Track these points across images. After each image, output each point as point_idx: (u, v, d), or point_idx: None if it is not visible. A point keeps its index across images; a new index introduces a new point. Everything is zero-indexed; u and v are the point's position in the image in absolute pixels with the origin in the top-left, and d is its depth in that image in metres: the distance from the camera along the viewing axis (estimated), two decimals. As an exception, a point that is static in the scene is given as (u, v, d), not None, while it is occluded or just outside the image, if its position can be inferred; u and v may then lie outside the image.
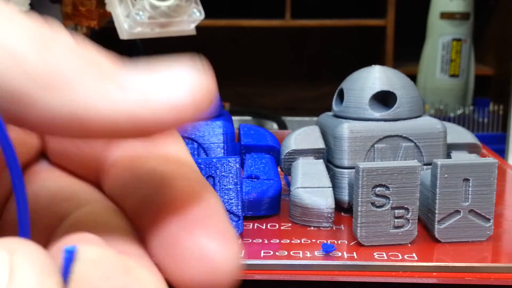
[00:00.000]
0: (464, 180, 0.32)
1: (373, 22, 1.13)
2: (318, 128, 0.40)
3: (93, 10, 0.47)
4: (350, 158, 0.36)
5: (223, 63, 1.31)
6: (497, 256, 0.32)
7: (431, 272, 0.31)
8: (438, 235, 0.33)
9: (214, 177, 0.33)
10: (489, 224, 0.33)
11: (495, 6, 1.16)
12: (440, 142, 0.37)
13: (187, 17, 0.44)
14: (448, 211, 0.33)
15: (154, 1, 0.42)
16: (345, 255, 0.32)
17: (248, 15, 1.15)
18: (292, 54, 1.33)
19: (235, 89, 1.28)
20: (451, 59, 1.07)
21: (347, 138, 0.36)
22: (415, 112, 0.38)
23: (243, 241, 0.34)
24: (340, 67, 1.25)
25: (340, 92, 0.39)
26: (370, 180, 0.31)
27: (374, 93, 0.37)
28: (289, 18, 1.11)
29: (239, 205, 0.33)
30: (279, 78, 1.33)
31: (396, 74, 0.38)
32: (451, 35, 1.06)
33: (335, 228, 0.36)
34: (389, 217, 0.32)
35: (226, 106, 0.91)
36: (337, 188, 0.37)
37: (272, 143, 0.41)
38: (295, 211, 0.36)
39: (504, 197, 0.42)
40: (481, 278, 0.30)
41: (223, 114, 0.40)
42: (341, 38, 1.31)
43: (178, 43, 0.15)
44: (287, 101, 1.33)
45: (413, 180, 0.32)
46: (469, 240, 0.33)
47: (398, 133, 0.37)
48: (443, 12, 1.06)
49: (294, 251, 0.32)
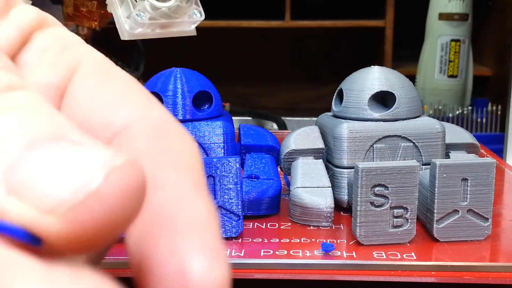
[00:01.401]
0: (463, 180, 0.33)
1: (372, 23, 1.13)
2: (318, 128, 0.40)
3: (94, 11, 0.47)
4: (350, 158, 0.37)
5: (223, 64, 1.31)
6: (495, 255, 0.32)
7: (430, 271, 0.31)
8: (437, 235, 0.33)
9: (214, 177, 0.33)
10: (488, 223, 0.33)
11: (493, 7, 1.16)
12: (439, 142, 0.37)
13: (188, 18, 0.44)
14: (446, 211, 0.33)
15: (154, 2, 0.42)
16: (345, 254, 0.32)
17: (248, 16, 1.15)
18: (291, 55, 1.33)
19: (235, 89, 1.29)
20: (450, 60, 1.07)
21: (347, 138, 0.36)
22: (414, 112, 0.38)
23: (243, 240, 0.34)
24: (339, 67, 1.25)
25: (340, 92, 0.39)
26: (369, 179, 0.32)
27: (373, 93, 0.37)
28: (288, 19, 1.11)
29: (239, 204, 0.33)
30: (279, 78, 1.33)
31: (395, 75, 0.38)
32: (450, 36, 1.07)
33: (334, 227, 0.36)
34: (388, 216, 0.32)
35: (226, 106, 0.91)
36: (336, 187, 0.37)
37: (272, 143, 0.41)
38: (294, 210, 0.36)
39: (502, 196, 0.42)
40: (480, 277, 0.30)
41: (223, 114, 0.41)
42: (340, 39, 1.31)
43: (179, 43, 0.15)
44: (286, 101, 1.33)
45: (412, 179, 0.32)
46: (468, 239, 0.33)
47: (397, 133, 0.37)
48: (441, 13, 1.06)
49: (294, 251, 0.32)
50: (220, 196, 0.33)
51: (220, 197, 0.33)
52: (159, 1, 0.42)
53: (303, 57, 1.33)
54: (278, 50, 1.33)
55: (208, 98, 0.39)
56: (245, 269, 0.31)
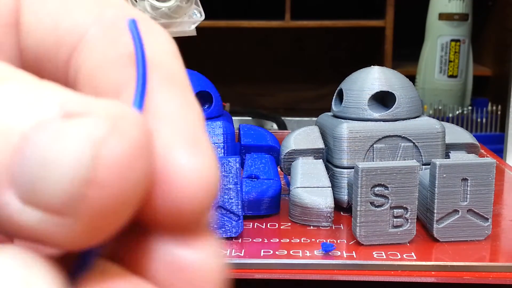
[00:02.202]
0: (463, 180, 0.33)
1: (372, 23, 1.13)
2: (318, 128, 0.40)
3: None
4: (349, 158, 0.37)
5: (223, 64, 1.31)
6: (495, 255, 0.32)
7: (430, 271, 0.31)
8: (437, 235, 0.33)
9: (215, 177, 0.33)
10: (488, 223, 0.33)
11: (493, 7, 1.16)
12: (439, 142, 0.37)
13: (188, 18, 0.44)
14: (446, 211, 0.33)
15: (154, 2, 0.42)
16: (345, 254, 0.32)
17: (248, 16, 1.15)
18: (291, 55, 1.33)
19: (235, 89, 1.29)
20: (450, 60, 1.07)
21: (346, 138, 0.36)
22: (414, 112, 0.38)
23: (243, 240, 0.34)
24: (339, 67, 1.25)
25: (340, 92, 0.39)
26: (369, 179, 0.32)
27: (373, 93, 0.37)
28: (288, 19, 1.11)
29: (239, 204, 0.33)
30: (279, 78, 1.33)
31: (395, 75, 0.38)
32: (450, 36, 1.07)
33: (334, 227, 0.36)
34: (388, 216, 0.32)
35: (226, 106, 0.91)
36: (336, 187, 0.37)
37: (272, 143, 0.41)
38: (294, 210, 0.36)
39: (502, 196, 0.42)
40: (480, 277, 0.30)
41: (223, 114, 0.41)
42: (340, 39, 1.31)
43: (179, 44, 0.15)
44: (287, 102, 1.33)
45: (412, 180, 0.32)
46: (468, 239, 0.33)
47: (397, 133, 0.37)
48: (441, 13, 1.06)
49: (294, 250, 0.32)
50: (220, 196, 0.33)
51: (220, 197, 0.33)
52: (159, 1, 0.42)
53: (303, 57, 1.33)
54: (278, 50, 1.33)
55: (208, 98, 0.39)
56: (245, 269, 0.31)
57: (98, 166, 0.08)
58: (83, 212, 0.09)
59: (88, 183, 0.08)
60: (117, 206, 0.09)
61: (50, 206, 0.09)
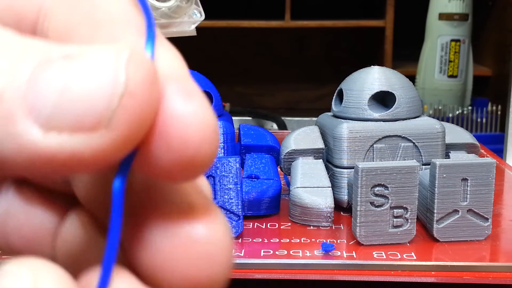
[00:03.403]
0: (463, 180, 0.33)
1: (372, 23, 1.13)
2: (318, 128, 0.40)
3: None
4: (349, 158, 0.37)
5: (223, 64, 1.31)
6: (495, 255, 0.32)
7: (430, 271, 0.31)
8: (437, 235, 0.33)
9: (214, 177, 0.33)
10: (488, 223, 0.33)
11: (493, 7, 1.16)
12: (439, 142, 0.37)
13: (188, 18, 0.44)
14: (446, 211, 0.33)
15: (154, 2, 0.42)
16: (345, 254, 0.32)
17: (248, 16, 1.15)
18: (291, 55, 1.33)
19: (235, 89, 1.29)
20: (450, 60, 1.07)
21: (346, 138, 0.36)
22: (414, 112, 0.38)
23: (243, 240, 0.34)
24: (339, 67, 1.25)
25: (340, 92, 0.39)
26: (369, 179, 0.32)
27: (373, 93, 0.37)
28: (288, 19, 1.11)
29: (239, 204, 0.33)
30: (279, 78, 1.33)
31: (395, 75, 0.38)
32: (450, 36, 1.07)
33: (334, 227, 0.36)
34: (388, 216, 0.32)
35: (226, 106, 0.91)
36: (336, 187, 0.37)
37: (272, 143, 0.41)
38: (294, 210, 0.36)
39: (502, 196, 0.42)
40: (480, 277, 0.30)
41: (223, 114, 0.41)
42: (340, 39, 1.31)
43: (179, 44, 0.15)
44: (287, 101, 1.33)
45: (412, 180, 0.32)
46: (468, 239, 0.33)
47: (397, 133, 0.37)
48: (441, 13, 1.06)
49: (294, 250, 0.32)
50: (220, 196, 0.33)
51: (220, 197, 0.33)
52: (159, 1, 0.42)
53: (303, 57, 1.33)
54: (278, 50, 1.33)
55: (208, 98, 0.39)
56: (245, 269, 0.31)
57: (129, 81, 0.10)
58: (121, 121, 0.10)
59: (124, 95, 0.09)
60: (145, 115, 0.10)
61: (81, 125, 0.09)
